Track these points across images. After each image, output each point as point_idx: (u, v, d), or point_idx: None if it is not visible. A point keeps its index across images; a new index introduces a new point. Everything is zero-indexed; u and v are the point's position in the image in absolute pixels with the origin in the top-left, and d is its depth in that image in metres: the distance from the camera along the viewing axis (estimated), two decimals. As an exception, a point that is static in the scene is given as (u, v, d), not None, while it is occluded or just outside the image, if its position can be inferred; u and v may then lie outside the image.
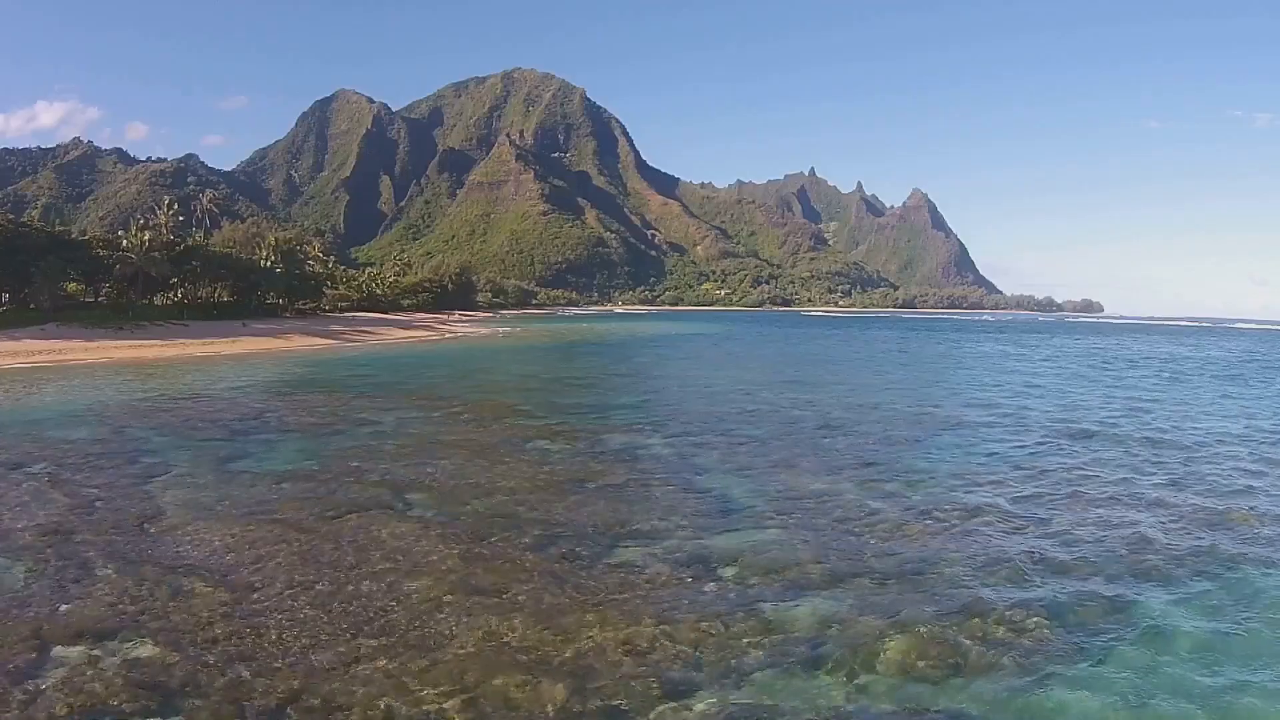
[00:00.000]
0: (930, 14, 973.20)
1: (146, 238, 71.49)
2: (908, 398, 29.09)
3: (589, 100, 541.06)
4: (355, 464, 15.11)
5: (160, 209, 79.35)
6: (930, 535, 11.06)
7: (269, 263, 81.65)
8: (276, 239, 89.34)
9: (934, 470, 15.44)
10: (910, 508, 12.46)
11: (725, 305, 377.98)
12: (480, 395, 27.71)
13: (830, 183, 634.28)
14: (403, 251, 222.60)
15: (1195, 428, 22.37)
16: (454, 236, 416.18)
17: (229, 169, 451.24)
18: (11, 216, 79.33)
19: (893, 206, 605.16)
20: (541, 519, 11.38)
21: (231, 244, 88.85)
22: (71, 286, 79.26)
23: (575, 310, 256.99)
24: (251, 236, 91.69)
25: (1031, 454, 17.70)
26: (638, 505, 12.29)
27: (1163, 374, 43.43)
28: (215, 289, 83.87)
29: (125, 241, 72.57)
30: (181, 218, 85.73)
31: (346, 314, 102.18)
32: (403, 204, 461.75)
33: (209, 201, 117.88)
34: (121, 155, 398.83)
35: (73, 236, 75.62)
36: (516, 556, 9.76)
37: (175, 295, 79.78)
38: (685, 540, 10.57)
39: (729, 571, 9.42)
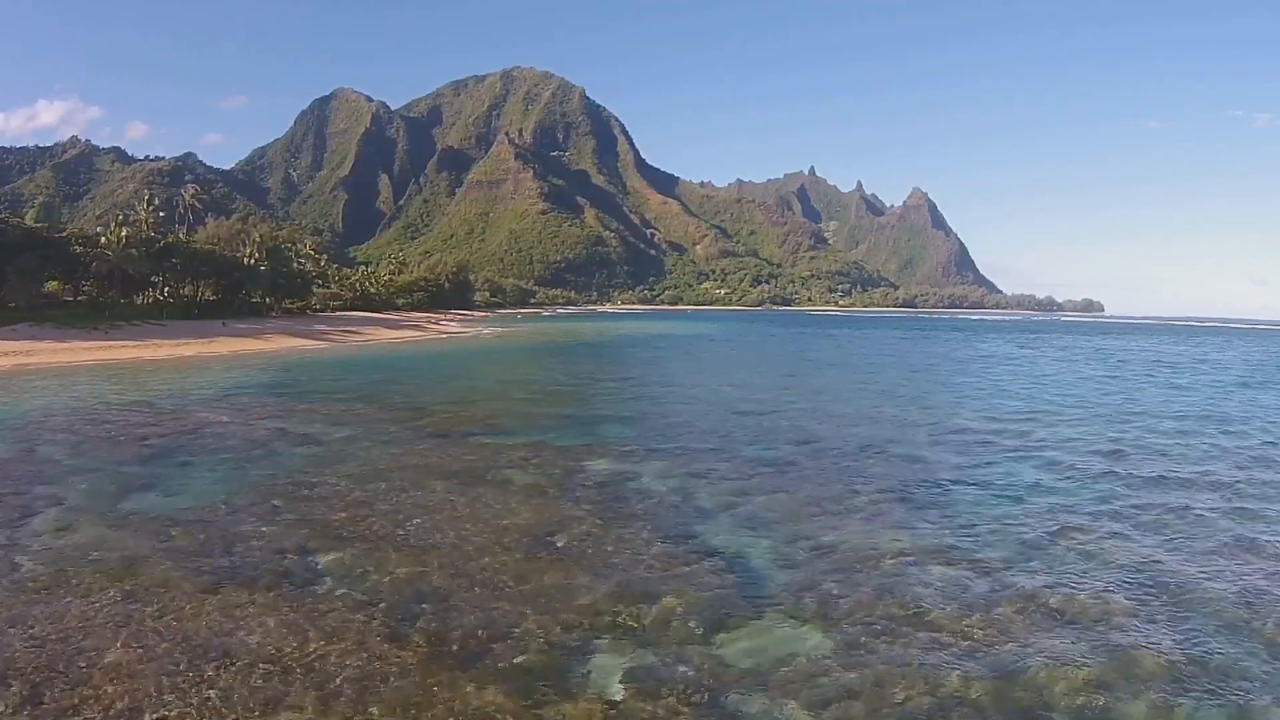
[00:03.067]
0: (930, 14, 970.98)
1: (124, 234, 68.65)
2: (943, 409, 25.73)
3: (588, 99, 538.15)
4: (274, 503, 12.22)
5: (140, 205, 76.65)
6: (1044, 640, 7.78)
7: (253, 260, 78.60)
8: (262, 235, 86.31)
9: (1006, 516, 12.16)
10: (996, 582, 9.20)
11: (725, 305, 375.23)
12: (452, 405, 24.66)
13: (830, 182, 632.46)
14: (400, 250, 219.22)
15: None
16: (453, 235, 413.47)
17: (227, 168, 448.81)
18: (-14, 213, 76.49)
19: (893, 206, 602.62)
20: (485, 605, 8.24)
21: (216, 241, 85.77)
22: (53, 285, 76.69)
23: (573, 309, 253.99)
24: (236, 233, 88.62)
25: (1120, 489, 14.40)
26: (619, 580, 9.06)
27: (1205, 379, 40.62)
28: (199, 288, 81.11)
29: (103, 239, 69.83)
30: (162, 214, 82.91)
31: (337, 313, 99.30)
32: (401, 203, 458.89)
33: (191, 197, 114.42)
34: (119, 154, 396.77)
35: (49, 233, 72.58)
36: (433, 684, 6.63)
37: (161, 294, 77.02)
38: (686, 647, 7.38)
39: (754, 711, 6.34)
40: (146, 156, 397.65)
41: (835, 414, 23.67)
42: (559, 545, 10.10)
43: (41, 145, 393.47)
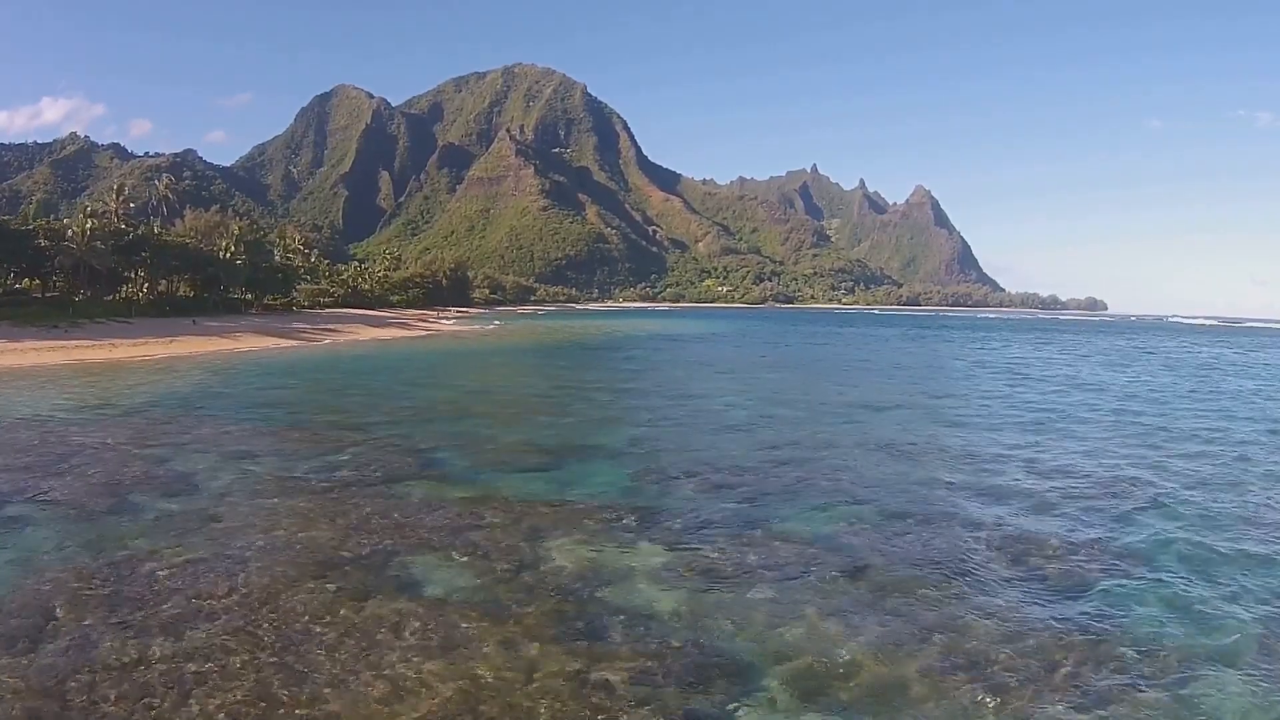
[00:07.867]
0: (932, 13, 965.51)
1: (89, 227, 64.17)
2: (1028, 439, 19.89)
3: (590, 95, 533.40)
4: (55, 618, 7.63)
5: (109, 196, 72.23)
6: None
7: (229, 254, 73.96)
8: (240, 228, 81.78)
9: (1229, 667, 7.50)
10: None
11: (727, 302, 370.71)
12: (396, 426, 19.78)
13: (832, 179, 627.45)
14: (399, 247, 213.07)
15: None
16: (453, 232, 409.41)
17: (228, 164, 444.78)
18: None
19: (895, 203, 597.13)
20: None
21: (193, 234, 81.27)
22: (27, 281, 72.73)
23: (575, 306, 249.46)
24: (215, 226, 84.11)
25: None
26: None
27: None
28: (175, 283, 76.77)
29: (69, 231, 65.51)
30: (133, 205, 78.43)
31: (325, 310, 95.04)
32: (402, 200, 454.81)
33: (165, 188, 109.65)
34: (118, 150, 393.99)
35: (12, 226, 68.22)
36: None
37: (140, 289, 72.75)
38: None
39: None
40: (145, 153, 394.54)
41: (895, 448, 18.18)
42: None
43: (40, 141, 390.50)
